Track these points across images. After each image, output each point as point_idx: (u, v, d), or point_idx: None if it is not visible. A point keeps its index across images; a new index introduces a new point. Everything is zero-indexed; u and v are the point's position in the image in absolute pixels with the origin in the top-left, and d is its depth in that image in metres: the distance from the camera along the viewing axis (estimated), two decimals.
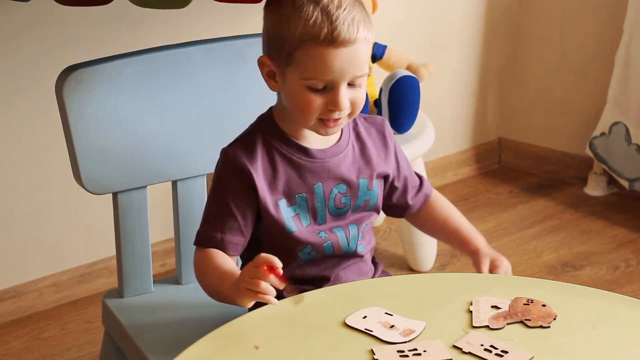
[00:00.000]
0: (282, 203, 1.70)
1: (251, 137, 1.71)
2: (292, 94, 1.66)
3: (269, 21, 1.68)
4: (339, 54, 1.61)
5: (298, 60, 1.63)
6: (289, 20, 1.62)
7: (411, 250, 2.84)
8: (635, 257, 2.92)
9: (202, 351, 1.45)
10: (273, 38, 1.66)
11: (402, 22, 3.05)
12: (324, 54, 1.61)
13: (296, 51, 1.62)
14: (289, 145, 1.71)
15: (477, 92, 3.31)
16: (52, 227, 2.65)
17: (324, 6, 1.61)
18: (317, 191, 1.72)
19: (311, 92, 1.63)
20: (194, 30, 2.60)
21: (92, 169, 1.83)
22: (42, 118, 2.52)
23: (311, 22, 1.61)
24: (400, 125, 2.59)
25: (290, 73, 1.64)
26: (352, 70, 1.63)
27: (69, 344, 2.59)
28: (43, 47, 2.46)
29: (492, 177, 3.36)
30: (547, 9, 3.22)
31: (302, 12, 1.62)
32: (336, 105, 1.64)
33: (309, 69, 1.62)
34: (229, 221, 1.69)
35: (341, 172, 1.74)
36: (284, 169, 1.70)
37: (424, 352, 1.44)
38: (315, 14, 1.61)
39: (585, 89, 3.24)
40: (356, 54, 1.62)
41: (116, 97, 1.84)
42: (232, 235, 1.69)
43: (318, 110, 1.64)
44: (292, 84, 1.65)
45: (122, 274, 1.92)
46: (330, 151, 1.73)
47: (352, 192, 1.75)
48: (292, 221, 1.71)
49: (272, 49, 1.67)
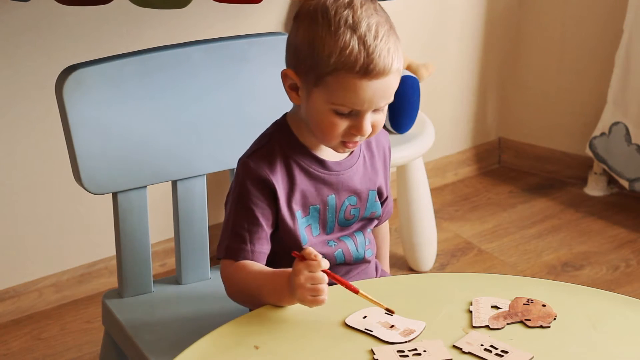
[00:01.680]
0: (299, 214, 1.70)
1: (269, 148, 1.69)
2: (316, 114, 1.64)
3: (300, 38, 1.63)
4: (372, 85, 1.59)
5: (328, 85, 1.60)
6: (323, 44, 1.59)
7: (411, 250, 2.84)
8: (635, 257, 2.92)
9: (202, 351, 1.45)
10: (303, 56, 1.62)
11: (402, 22, 3.04)
12: (357, 84, 1.59)
13: (328, 76, 1.60)
14: (307, 157, 1.70)
15: (477, 92, 3.31)
16: (52, 227, 2.65)
17: (361, 35, 1.58)
18: (330, 203, 1.72)
19: (336, 116, 1.62)
20: (194, 30, 2.60)
21: (92, 169, 1.83)
22: (42, 118, 2.52)
23: (347, 51, 1.57)
24: (400, 125, 2.59)
25: (317, 94, 1.62)
26: (381, 100, 1.62)
27: (69, 344, 2.59)
28: (43, 47, 2.46)
29: (492, 177, 3.36)
30: (547, 9, 3.22)
31: (338, 39, 1.58)
32: (360, 131, 1.63)
33: (339, 96, 1.60)
34: (257, 232, 1.67)
35: (354, 184, 1.73)
36: (301, 181, 1.69)
37: (424, 352, 1.44)
38: (352, 43, 1.58)
39: (585, 89, 3.24)
40: (388, 85, 1.61)
41: (116, 97, 1.84)
42: (261, 245, 1.67)
43: (341, 133, 1.64)
44: (317, 104, 1.63)
45: (122, 274, 1.92)
46: (344, 163, 1.73)
47: (362, 204, 1.75)
48: (305, 232, 1.71)
49: (300, 67, 1.63)
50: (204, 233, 1.96)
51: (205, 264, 1.97)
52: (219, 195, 2.67)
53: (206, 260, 1.97)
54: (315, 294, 1.50)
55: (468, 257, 2.94)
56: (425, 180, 2.80)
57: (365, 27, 1.59)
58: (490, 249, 2.96)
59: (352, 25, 1.59)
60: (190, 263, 1.95)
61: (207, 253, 1.97)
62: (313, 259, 1.51)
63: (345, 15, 1.59)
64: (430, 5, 3.08)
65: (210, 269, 1.98)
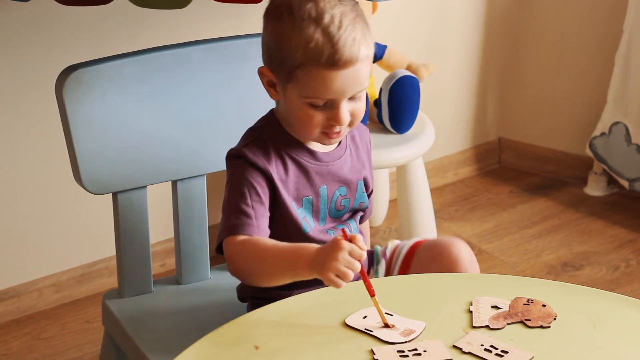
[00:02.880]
0: (294, 205, 1.71)
1: (262, 141, 1.70)
2: (293, 109, 1.65)
3: (269, 34, 1.66)
4: (340, 75, 1.60)
5: (298, 79, 1.62)
6: (289, 39, 1.61)
7: None
8: (635, 257, 2.92)
9: (202, 351, 1.45)
10: (273, 53, 1.64)
11: (402, 22, 3.05)
12: (325, 75, 1.60)
13: (296, 70, 1.61)
14: (298, 148, 1.71)
15: (477, 92, 3.30)
16: (52, 227, 2.65)
17: (324, 27, 1.59)
18: (322, 194, 1.73)
19: (312, 109, 1.63)
20: (194, 30, 2.60)
21: (92, 169, 1.83)
22: (42, 118, 2.52)
23: (312, 44, 1.59)
24: (400, 125, 2.59)
25: (291, 89, 1.64)
26: (353, 88, 1.62)
27: (69, 344, 2.58)
28: (43, 47, 2.46)
29: (492, 177, 3.36)
30: (547, 9, 3.22)
31: (302, 32, 1.59)
32: (337, 120, 1.64)
33: (310, 89, 1.61)
34: (260, 209, 1.65)
35: (344, 174, 1.75)
36: (294, 172, 1.70)
37: (424, 352, 1.44)
38: (316, 35, 1.59)
39: (585, 89, 3.24)
40: (357, 73, 1.61)
41: (116, 97, 1.84)
42: (264, 223, 1.65)
43: (319, 124, 1.65)
44: (293, 99, 1.64)
45: (122, 274, 1.92)
46: (334, 154, 1.74)
47: (351, 194, 1.76)
48: (304, 222, 1.71)
49: (273, 63, 1.65)
50: (204, 233, 1.96)
51: (205, 264, 1.97)
52: (219, 195, 2.67)
53: (206, 260, 1.97)
54: (342, 276, 1.49)
55: None
56: (425, 180, 2.80)
57: (329, 19, 1.59)
58: (490, 249, 2.96)
59: (315, 17, 1.60)
60: (190, 263, 1.95)
61: (207, 253, 1.97)
62: (361, 247, 1.50)
63: (308, 8, 1.60)
64: (430, 5, 3.08)
65: (210, 269, 1.98)
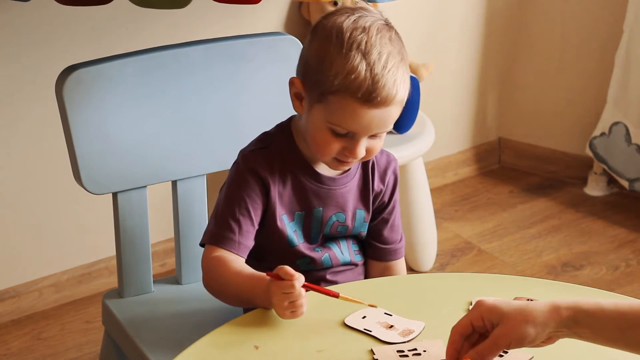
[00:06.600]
0: (285, 218, 1.70)
1: (269, 151, 1.70)
2: (314, 129, 1.64)
3: (312, 52, 1.63)
4: (371, 113, 1.59)
5: (329, 104, 1.60)
6: (331, 63, 1.58)
7: (411, 250, 2.84)
8: (635, 257, 2.92)
9: (202, 351, 1.45)
10: (311, 70, 1.62)
11: (402, 22, 3.04)
12: (357, 109, 1.58)
13: (330, 95, 1.59)
14: (303, 167, 1.70)
15: (477, 92, 3.30)
16: (52, 227, 2.65)
17: (370, 62, 1.57)
18: (315, 215, 1.72)
19: (332, 135, 1.62)
20: (194, 30, 2.60)
21: (92, 169, 1.83)
22: (42, 118, 2.52)
23: (353, 75, 1.57)
24: (400, 125, 2.59)
25: (318, 109, 1.62)
26: (379, 127, 1.62)
27: (69, 344, 2.58)
28: (43, 47, 2.46)
29: (492, 177, 3.36)
30: (547, 9, 3.22)
31: (347, 61, 1.57)
32: (352, 153, 1.63)
33: (337, 117, 1.60)
34: (246, 224, 1.66)
35: (345, 201, 1.73)
36: (292, 187, 1.70)
37: (424, 352, 1.44)
38: (360, 68, 1.57)
39: (585, 89, 3.24)
40: (387, 115, 1.61)
41: (116, 97, 1.84)
42: (247, 239, 1.67)
43: (334, 151, 1.64)
44: (317, 119, 1.63)
45: (122, 274, 1.92)
46: (340, 180, 1.73)
47: (350, 221, 1.75)
48: (293, 235, 1.71)
49: (307, 79, 1.63)
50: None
51: None
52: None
53: None
54: (293, 309, 1.49)
55: (468, 257, 2.94)
56: (425, 180, 2.80)
57: (376, 55, 1.58)
58: (490, 249, 2.96)
59: (363, 50, 1.58)
60: (190, 263, 1.95)
61: None
62: (289, 279, 1.49)
63: (359, 39, 1.59)
64: (429, 5, 3.08)
65: None
